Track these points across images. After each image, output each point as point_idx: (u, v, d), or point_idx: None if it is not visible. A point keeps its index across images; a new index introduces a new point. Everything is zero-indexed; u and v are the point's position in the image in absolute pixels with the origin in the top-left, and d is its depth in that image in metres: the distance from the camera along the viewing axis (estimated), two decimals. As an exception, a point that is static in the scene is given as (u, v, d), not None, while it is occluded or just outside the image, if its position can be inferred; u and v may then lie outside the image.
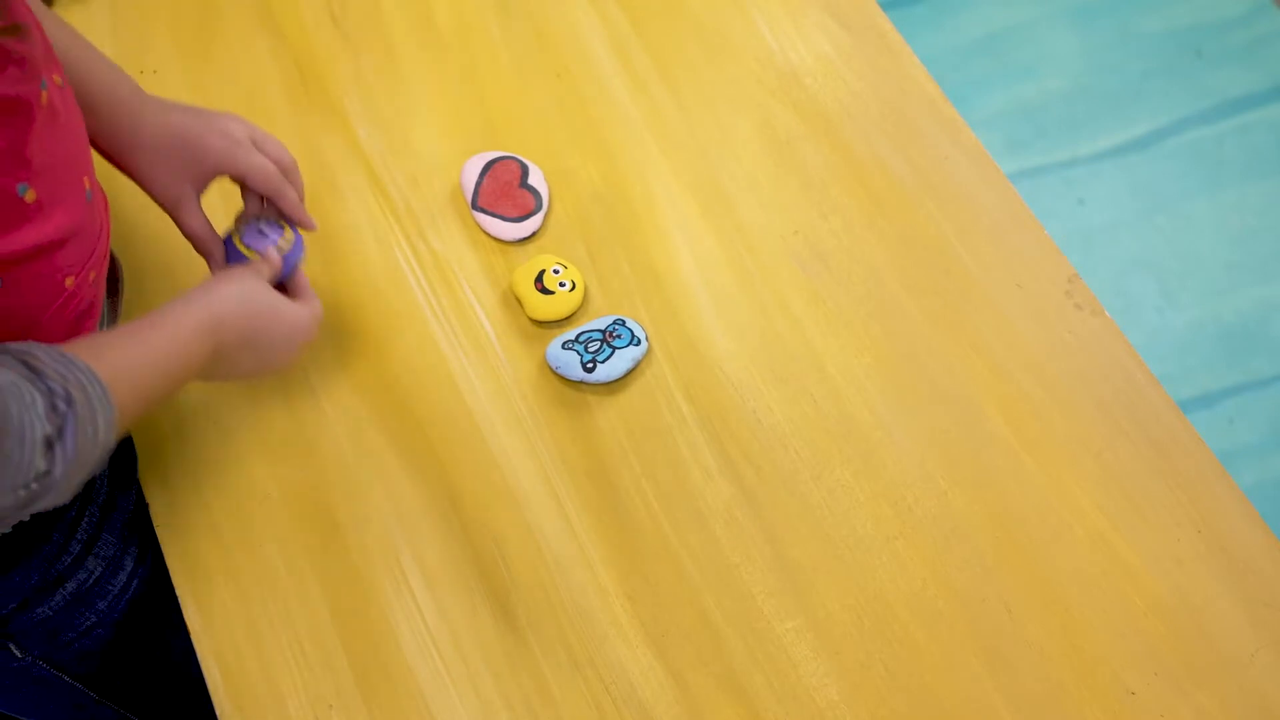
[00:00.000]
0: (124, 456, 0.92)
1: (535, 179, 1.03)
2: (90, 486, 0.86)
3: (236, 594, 0.87)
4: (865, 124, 1.08)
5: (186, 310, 0.76)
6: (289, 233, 0.86)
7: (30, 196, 0.67)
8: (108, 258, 0.81)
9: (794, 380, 0.96)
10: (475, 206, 1.02)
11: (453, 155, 1.06)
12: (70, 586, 0.86)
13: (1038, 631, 0.87)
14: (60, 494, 0.64)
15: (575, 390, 0.95)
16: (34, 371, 0.62)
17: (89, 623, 0.89)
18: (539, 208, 1.02)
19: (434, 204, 1.03)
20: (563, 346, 0.94)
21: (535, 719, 0.83)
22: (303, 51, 1.11)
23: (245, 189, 0.87)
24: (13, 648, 0.87)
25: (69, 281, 0.73)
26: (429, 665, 0.85)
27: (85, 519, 0.86)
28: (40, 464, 0.61)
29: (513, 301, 0.99)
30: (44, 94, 0.67)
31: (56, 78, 0.70)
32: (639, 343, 0.95)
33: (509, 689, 0.84)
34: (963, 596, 0.88)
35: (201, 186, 0.85)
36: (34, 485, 0.61)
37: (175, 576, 0.88)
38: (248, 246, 0.84)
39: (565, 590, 0.87)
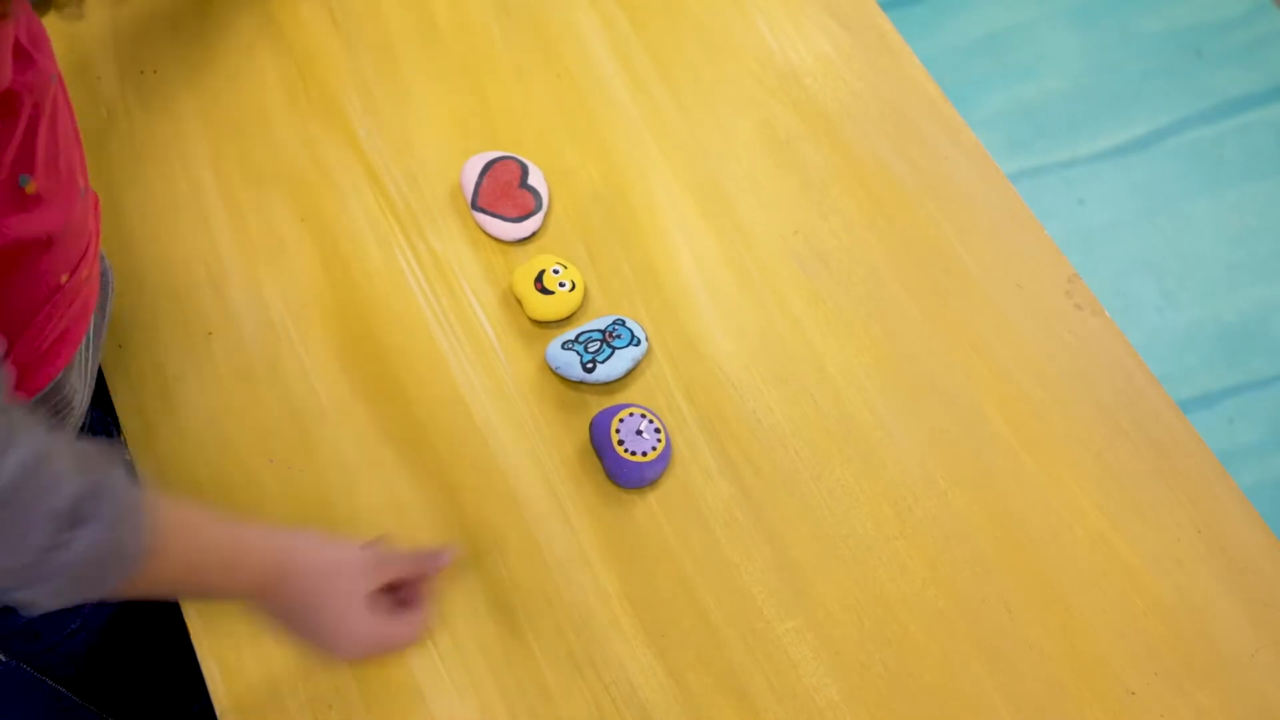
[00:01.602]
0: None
1: (535, 179, 1.03)
2: None
3: (236, 594, 0.87)
4: (865, 124, 1.08)
5: (273, 536, 0.75)
6: (662, 444, 0.90)
7: (31, 189, 0.67)
8: (99, 258, 0.81)
9: (794, 380, 0.96)
10: (475, 206, 1.02)
11: (453, 155, 1.06)
12: None
13: (1038, 631, 0.86)
14: (60, 590, 0.60)
15: (575, 390, 0.95)
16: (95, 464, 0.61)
17: (73, 626, 0.89)
18: (539, 208, 1.02)
19: (434, 204, 1.03)
20: (563, 346, 0.94)
21: (535, 719, 0.83)
22: (303, 51, 1.11)
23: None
24: None
25: (64, 278, 0.73)
26: (429, 665, 0.85)
27: None
28: (53, 535, 0.58)
29: (513, 301, 0.99)
30: (52, 87, 0.68)
31: (57, 71, 0.71)
32: (639, 343, 0.95)
33: (509, 689, 0.84)
34: (963, 596, 0.88)
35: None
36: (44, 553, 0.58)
37: (175, 576, 0.88)
38: (621, 441, 0.89)
39: (565, 590, 0.87)
